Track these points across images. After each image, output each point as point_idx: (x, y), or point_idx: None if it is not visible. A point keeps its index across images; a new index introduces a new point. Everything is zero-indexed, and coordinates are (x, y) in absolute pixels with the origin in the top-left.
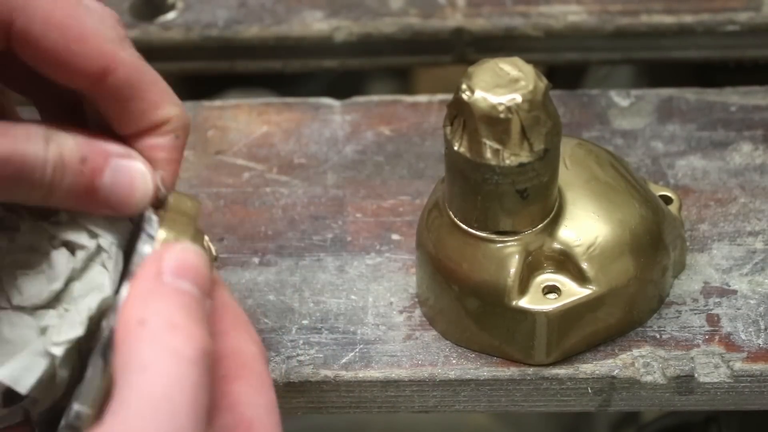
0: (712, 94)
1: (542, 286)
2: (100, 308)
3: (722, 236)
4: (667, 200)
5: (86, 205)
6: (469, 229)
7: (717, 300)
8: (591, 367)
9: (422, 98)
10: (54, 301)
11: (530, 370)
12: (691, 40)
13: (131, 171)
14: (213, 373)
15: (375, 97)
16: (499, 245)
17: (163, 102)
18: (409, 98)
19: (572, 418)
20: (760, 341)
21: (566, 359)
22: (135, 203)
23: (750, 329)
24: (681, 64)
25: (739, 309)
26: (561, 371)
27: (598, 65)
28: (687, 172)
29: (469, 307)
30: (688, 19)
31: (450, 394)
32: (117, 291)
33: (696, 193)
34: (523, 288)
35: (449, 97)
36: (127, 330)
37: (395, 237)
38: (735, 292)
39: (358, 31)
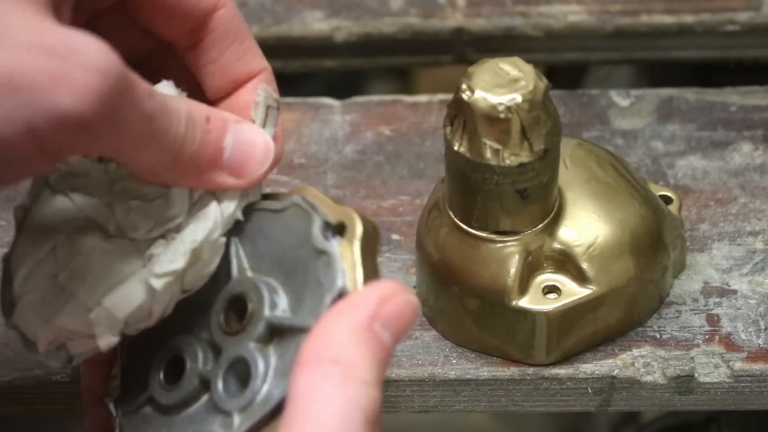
0: (712, 94)
1: (542, 286)
2: (204, 241)
3: (722, 236)
4: (667, 200)
5: (210, 169)
6: (469, 229)
7: (717, 300)
8: (591, 367)
9: (422, 98)
10: (165, 232)
11: (530, 370)
12: (691, 40)
13: (250, 135)
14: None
15: (375, 97)
16: (499, 245)
17: (257, 49)
18: (409, 98)
19: (572, 418)
20: (760, 341)
21: (566, 359)
22: (255, 169)
23: (750, 329)
24: (681, 64)
25: (739, 309)
26: (561, 371)
27: (598, 65)
28: (687, 172)
29: (469, 307)
30: (688, 19)
31: (450, 394)
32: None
33: (696, 193)
34: (523, 288)
35: (449, 97)
36: (319, 360)
37: (395, 237)
38: (735, 292)
39: (358, 31)
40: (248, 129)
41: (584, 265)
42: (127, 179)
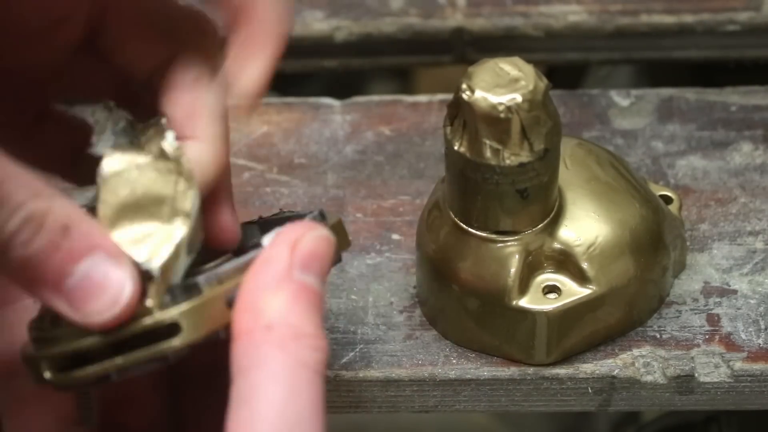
0: (712, 94)
1: (542, 285)
2: None
3: (722, 236)
4: (668, 200)
5: (44, 286)
6: (469, 229)
7: (717, 300)
8: (591, 367)
9: (422, 98)
10: None
11: (530, 370)
12: (691, 40)
13: (107, 275)
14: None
15: (375, 97)
16: (499, 245)
17: None
18: (409, 98)
19: (572, 418)
20: (760, 341)
21: (566, 359)
22: (96, 312)
23: (750, 329)
24: (681, 64)
25: (739, 309)
26: (561, 371)
27: (598, 65)
28: (687, 172)
29: (469, 307)
30: (688, 19)
31: (450, 393)
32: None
33: (696, 193)
34: (523, 288)
35: (449, 97)
36: (252, 331)
37: (395, 237)
38: (735, 291)
39: (359, 31)
40: (109, 269)
41: (584, 265)
42: None
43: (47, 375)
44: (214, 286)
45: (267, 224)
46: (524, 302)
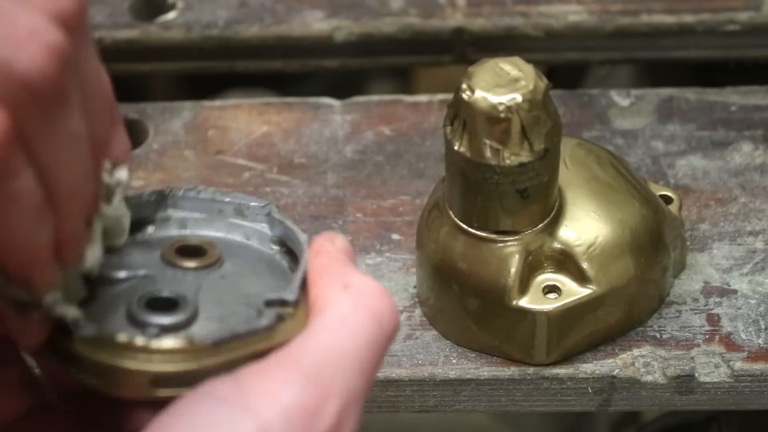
0: (712, 94)
1: (542, 285)
2: None
3: (722, 236)
4: (668, 200)
5: None
6: (470, 229)
7: (717, 300)
8: (591, 367)
9: (422, 98)
10: None
11: (530, 370)
12: (691, 40)
13: None
14: None
15: (375, 97)
16: (499, 245)
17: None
18: (409, 98)
19: (572, 418)
20: (760, 341)
21: (566, 359)
22: None
23: (750, 329)
24: (681, 64)
25: (739, 309)
26: (561, 371)
27: (598, 65)
28: (687, 172)
29: (469, 307)
30: (688, 19)
31: (450, 393)
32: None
33: (696, 193)
34: (524, 288)
35: (449, 97)
36: (331, 289)
37: (395, 237)
38: (735, 291)
39: (358, 31)
40: None
41: (584, 265)
42: None
43: None
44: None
45: (176, 201)
46: (524, 302)
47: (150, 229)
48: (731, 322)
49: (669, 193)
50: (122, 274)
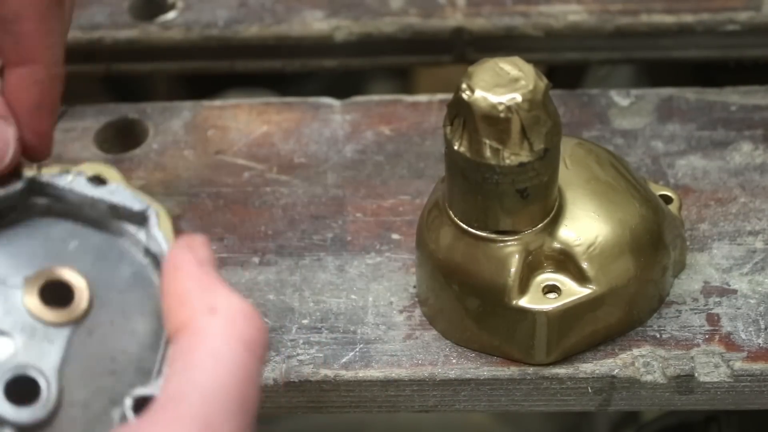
0: (712, 94)
1: (542, 285)
2: None
3: (722, 236)
4: (667, 200)
5: None
6: (470, 229)
7: (717, 299)
8: (591, 367)
9: (422, 98)
10: None
11: (530, 370)
12: (691, 39)
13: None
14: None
15: (375, 97)
16: (499, 245)
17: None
18: (409, 98)
19: (572, 417)
20: (760, 341)
21: (566, 359)
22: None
23: (750, 329)
24: (681, 64)
25: (739, 308)
26: (561, 371)
27: (598, 65)
28: (687, 172)
29: (469, 307)
30: (688, 18)
31: (450, 393)
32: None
33: (696, 193)
34: (523, 287)
35: (449, 96)
36: (193, 318)
37: (395, 237)
38: (735, 291)
39: (358, 30)
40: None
41: (584, 265)
42: None
43: None
44: None
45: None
46: (524, 302)
47: (12, 215)
48: (731, 322)
49: (669, 193)
50: None
